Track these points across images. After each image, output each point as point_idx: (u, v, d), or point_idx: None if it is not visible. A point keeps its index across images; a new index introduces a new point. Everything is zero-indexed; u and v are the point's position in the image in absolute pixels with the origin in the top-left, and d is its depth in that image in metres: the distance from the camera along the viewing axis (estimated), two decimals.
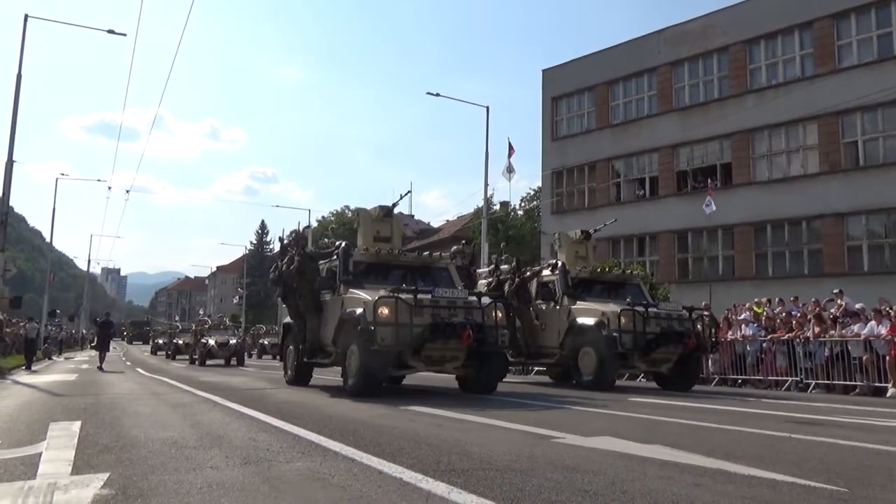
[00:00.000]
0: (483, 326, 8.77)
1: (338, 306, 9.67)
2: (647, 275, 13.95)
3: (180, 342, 29.16)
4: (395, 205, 11.20)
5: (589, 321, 11.58)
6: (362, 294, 9.19)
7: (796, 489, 3.30)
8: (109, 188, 41.60)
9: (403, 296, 8.52)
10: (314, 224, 49.80)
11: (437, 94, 27.36)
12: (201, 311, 52.24)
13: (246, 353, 26.47)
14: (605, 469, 3.73)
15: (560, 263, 12.87)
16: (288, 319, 11.77)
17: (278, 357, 30.53)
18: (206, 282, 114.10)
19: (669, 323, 11.33)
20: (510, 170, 24.27)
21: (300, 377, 11.27)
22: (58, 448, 4.53)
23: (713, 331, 12.47)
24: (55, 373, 17.10)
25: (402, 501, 2.99)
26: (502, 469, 3.71)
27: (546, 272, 13.03)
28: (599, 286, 13.00)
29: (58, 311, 50.18)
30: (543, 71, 31.87)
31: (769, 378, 13.32)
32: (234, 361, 23.03)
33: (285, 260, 10.76)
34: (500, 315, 9.18)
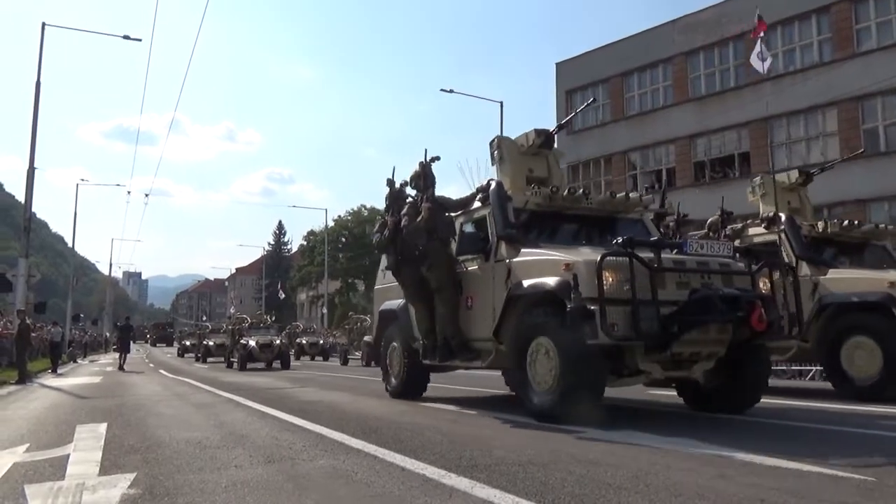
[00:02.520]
0: (767, 302, 5.65)
1: (496, 277, 6.45)
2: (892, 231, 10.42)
3: (211, 343, 27.22)
4: (560, 127, 7.74)
5: (868, 297, 7.75)
6: (555, 254, 5.91)
7: (823, 479, 3.26)
8: (129, 192, 41.83)
9: (642, 254, 5.35)
10: (331, 223, 49.98)
11: (451, 91, 27.45)
12: (232, 310, 51.87)
13: None
14: (627, 462, 3.72)
15: (786, 217, 8.94)
16: (391, 304, 8.37)
17: (320, 358, 28.61)
18: (226, 283, 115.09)
19: None
20: (763, 56, 18.73)
21: (412, 386, 8.04)
22: (85, 449, 4.60)
23: None
24: (80, 375, 17.35)
25: (425, 497, 3.00)
26: (524, 464, 3.71)
27: (756, 230, 9.27)
28: (832, 248, 9.09)
29: (81, 315, 50.99)
30: (557, 64, 31.73)
31: (792, 367, 13.18)
32: (276, 364, 20.64)
33: (404, 212, 7.31)
34: (776, 285, 6.07)
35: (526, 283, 5.94)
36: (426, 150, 7.29)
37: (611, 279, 5.22)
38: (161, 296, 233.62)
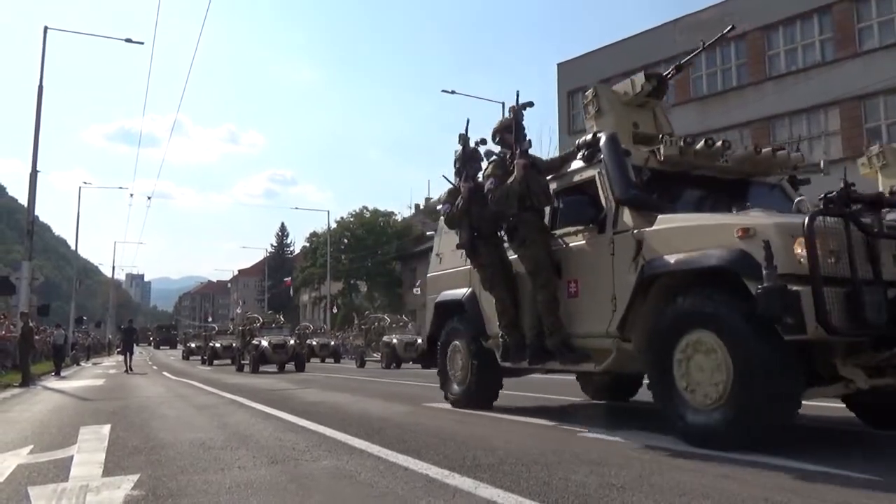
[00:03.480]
0: None
1: (618, 254, 4.96)
2: None
3: (218, 345, 26.36)
4: (679, 69, 6.48)
5: None
6: (718, 218, 4.51)
7: (829, 479, 3.24)
8: (131, 195, 42.45)
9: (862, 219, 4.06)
10: (333, 225, 49.99)
11: (452, 92, 27.48)
12: (238, 310, 51.27)
13: None
14: (632, 462, 3.71)
15: None
16: (452, 293, 7.03)
17: (331, 360, 27.31)
18: (229, 285, 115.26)
19: None
20: None
21: (481, 394, 6.66)
22: (89, 451, 4.60)
23: None
24: (84, 378, 17.37)
25: (428, 497, 2.99)
26: (528, 463, 3.70)
27: None
28: None
29: (84, 318, 51.07)
30: (559, 65, 31.75)
31: None
32: (289, 366, 19.55)
33: (488, 172, 5.95)
34: None
35: (671, 258, 4.45)
36: (518, 93, 5.94)
37: (826, 248, 3.82)
38: (164, 298, 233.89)
